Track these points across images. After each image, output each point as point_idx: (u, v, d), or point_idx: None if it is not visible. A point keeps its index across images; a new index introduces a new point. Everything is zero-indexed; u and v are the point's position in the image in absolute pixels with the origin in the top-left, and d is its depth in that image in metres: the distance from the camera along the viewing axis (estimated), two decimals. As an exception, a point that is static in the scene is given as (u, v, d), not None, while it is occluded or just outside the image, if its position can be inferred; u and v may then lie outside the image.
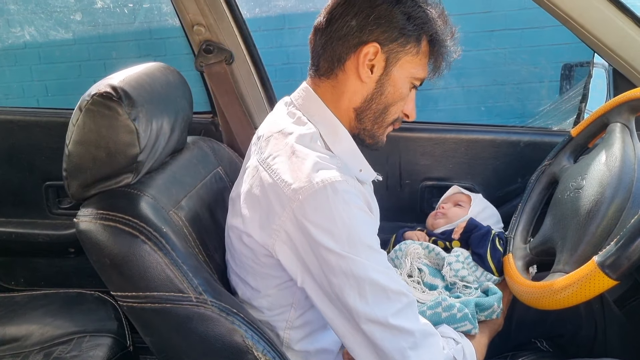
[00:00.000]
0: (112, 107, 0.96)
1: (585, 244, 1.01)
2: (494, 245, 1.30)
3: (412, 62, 1.05)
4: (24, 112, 1.91)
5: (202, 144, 1.36)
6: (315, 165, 0.95)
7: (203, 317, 0.94)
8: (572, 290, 0.94)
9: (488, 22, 3.72)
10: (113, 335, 1.44)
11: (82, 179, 0.99)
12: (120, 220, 0.95)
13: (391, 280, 0.94)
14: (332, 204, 0.91)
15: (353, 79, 1.05)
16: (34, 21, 4.00)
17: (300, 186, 0.93)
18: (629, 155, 1.08)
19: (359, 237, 0.92)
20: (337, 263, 0.91)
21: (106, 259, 0.94)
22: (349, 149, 1.08)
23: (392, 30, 1.02)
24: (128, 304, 0.95)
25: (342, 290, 0.92)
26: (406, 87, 1.07)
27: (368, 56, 1.02)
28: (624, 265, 0.88)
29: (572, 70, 2.10)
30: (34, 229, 1.87)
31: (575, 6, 1.29)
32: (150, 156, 1.06)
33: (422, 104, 3.93)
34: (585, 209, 1.05)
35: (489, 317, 1.18)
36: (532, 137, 1.67)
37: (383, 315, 0.91)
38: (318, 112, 1.07)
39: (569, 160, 1.30)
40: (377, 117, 1.08)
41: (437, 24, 1.06)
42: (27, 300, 1.61)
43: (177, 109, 1.17)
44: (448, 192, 1.58)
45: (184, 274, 0.95)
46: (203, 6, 1.61)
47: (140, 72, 1.08)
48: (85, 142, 0.97)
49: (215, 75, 1.72)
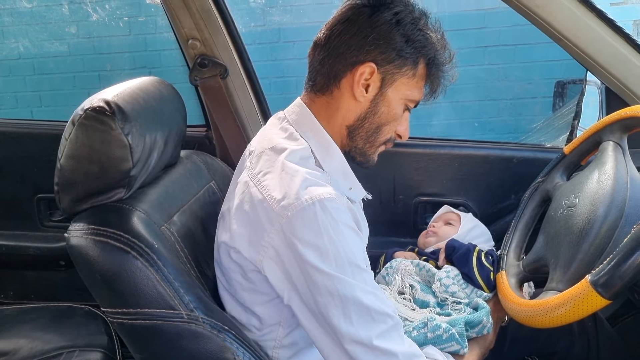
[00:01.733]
0: (105, 122, 0.95)
1: (578, 262, 1.01)
2: (480, 262, 1.30)
3: (407, 84, 1.06)
4: (16, 124, 1.90)
5: (196, 158, 1.35)
6: (305, 182, 0.94)
7: (194, 334, 0.93)
8: (565, 309, 0.93)
9: (482, 38, 3.76)
10: (103, 350, 1.41)
11: (73, 194, 0.99)
12: (112, 236, 0.94)
13: (377, 300, 0.93)
14: (320, 221, 0.91)
15: (348, 97, 1.05)
16: (28, 33, 4.00)
17: (289, 203, 0.92)
18: (622, 174, 1.08)
19: (346, 255, 0.92)
20: (323, 282, 0.91)
21: (97, 274, 0.93)
22: (339, 166, 1.08)
23: (390, 51, 1.02)
24: (118, 321, 0.93)
25: (327, 309, 0.91)
26: (400, 108, 1.08)
27: (364, 75, 1.02)
28: (616, 285, 0.87)
29: (565, 87, 2.11)
30: (25, 241, 1.85)
31: (569, 25, 1.31)
32: (143, 171, 1.05)
33: (416, 119, 3.93)
34: (578, 227, 1.05)
35: (480, 332, 1.17)
36: (525, 153, 1.68)
37: (367, 337, 0.91)
38: (311, 129, 1.07)
39: (562, 178, 1.31)
40: (370, 135, 1.08)
41: (436, 48, 1.07)
42: (16, 313, 1.59)
43: (171, 123, 1.17)
44: (439, 211, 1.58)
45: (176, 291, 0.94)
46: (198, 20, 1.62)
47: (134, 87, 1.08)
48: (77, 156, 0.96)
49: (209, 89, 1.72)
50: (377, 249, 1.60)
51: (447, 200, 1.71)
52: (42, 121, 1.94)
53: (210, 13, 1.62)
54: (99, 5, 3.89)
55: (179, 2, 1.59)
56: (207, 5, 1.61)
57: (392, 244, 1.74)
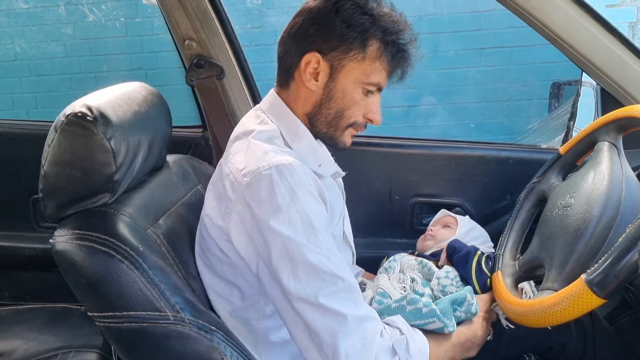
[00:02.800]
0: (86, 127, 0.95)
1: (573, 262, 1.01)
2: (480, 267, 1.30)
3: (358, 68, 1.09)
4: (12, 125, 1.91)
5: (183, 162, 1.36)
6: (265, 152, 1.02)
7: (181, 335, 0.93)
8: (560, 308, 0.94)
9: (478, 40, 3.77)
10: (98, 350, 1.41)
11: (58, 199, 0.99)
12: (97, 240, 0.94)
13: (329, 262, 0.95)
14: (275, 184, 0.97)
15: (302, 87, 1.12)
16: (24, 34, 3.99)
17: (248, 170, 1.00)
18: (617, 174, 1.09)
19: (300, 217, 0.96)
20: (276, 241, 0.95)
21: (82, 279, 0.93)
22: (308, 145, 1.14)
23: (332, 38, 1.07)
24: (105, 324, 0.93)
25: (278, 268, 0.95)
26: (357, 92, 1.11)
27: (311, 64, 1.09)
28: (611, 284, 0.88)
29: (561, 88, 2.12)
30: (20, 242, 1.86)
31: (565, 27, 1.32)
32: (127, 175, 1.05)
33: (412, 120, 3.96)
34: (573, 227, 1.05)
35: (467, 311, 1.15)
36: (521, 154, 1.69)
37: (313, 295, 0.93)
38: (279, 112, 1.14)
39: (558, 178, 1.31)
40: (330, 121, 1.13)
41: (384, 27, 1.08)
42: (11, 314, 1.59)
43: (155, 128, 1.18)
44: (437, 215, 1.59)
45: (162, 293, 0.94)
46: (195, 21, 1.63)
47: (117, 92, 1.09)
48: (60, 162, 0.97)
49: (205, 90, 1.73)
50: (373, 250, 1.61)
51: (443, 200, 1.72)
52: (38, 122, 1.94)
53: (207, 14, 1.63)
54: (95, 7, 3.88)
55: (175, 3, 1.60)
56: (203, 5, 1.62)
57: (388, 245, 1.75)
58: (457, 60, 3.81)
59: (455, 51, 3.78)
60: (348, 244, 1.31)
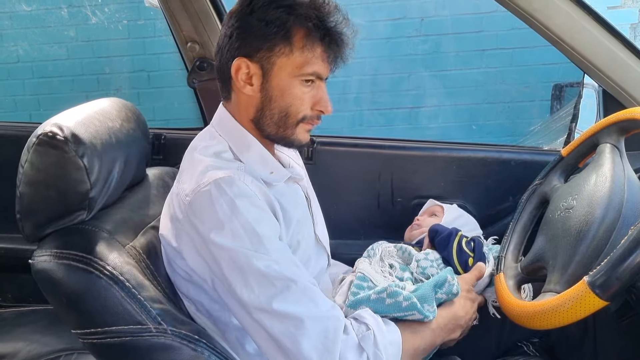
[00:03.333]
0: (57, 146, 0.96)
1: (575, 264, 1.01)
2: (460, 247, 1.30)
3: (288, 62, 1.05)
4: (15, 127, 1.91)
5: (164, 176, 1.36)
6: (205, 169, 1.02)
7: (164, 346, 0.94)
8: (562, 310, 0.94)
9: (479, 41, 3.77)
10: (101, 353, 1.42)
11: (35, 220, 0.99)
12: (74, 258, 0.95)
13: (279, 267, 0.95)
14: (214, 200, 0.97)
15: (241, 95, 1.10)
16: (27, 36, 4.00)
17: (190, 189, 1.00)
18: (619, 176, 1.09)
19: (243, 227, 0.96)
20: (223, 256, 0.96)
21: (62, 297, 0.94)
22: (257, 154, 1.13)
23: (253, 39, 1.05)
24: (89, 341, 0.94)
25: (231, 282, 0.95)
26: (295, 86, 1.07)
27: (241, 70, 1.07)
28: (614, 286, 0.88)
29: (563, 90, 2.12)
30: (22, 244, 1.83)
31: (567, 28, 1.32)
32: (103, 192, 1.06)
33: (414, 121, 3.96)
34: (575, 229, 1.05)
35: (449, 292, 1.15)
36: (523, 156, 1.69)
37: (267, 302, 0.94)
38: (227, 126, 1.14)
39: (560, 180, 1.31)
40: (277, 121, 1.10)
41: (302, 13, 1.04)
42: (14, 316, 1.60)
43: (130, 143, 1.18)
44: (425, 206, 1.60)
45: (142, 306, 0.95)
46: (197, 23, 1.64)
47: (90, 109, 1.10)
48: (34, 182, 0.97)
49: (207, 92, 1.74)
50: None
51: (445, 202, 1.71)
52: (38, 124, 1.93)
53: (209, 16, 1.64)
54: (97, 9, 3.89)
55: (178, 5, 1.61)
56: (205, 8, 1.63)
57: (390, 247, 1.75)
58: (459, 61, 3.81)
59: (457, 53, 3.78)
60: (322, 248, 1.30)
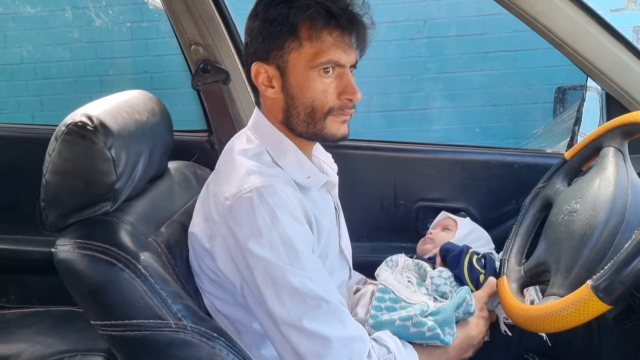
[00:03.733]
0: (87, 136, 0.96)
1: (579, 268, 1.01)
2: (471, 264, 1.30)
3: (301, 56, 1.05)
4: (19, 129, 1.92)
5: (185, 169, 1.37)
6: (247, 173, 1.02)
7: (183, 342, 0.95)
8: (566, 313, 0.94)
9: (483, 44, 3.78)
10: (104, 354, 1.41)
11: (59, 209, 1.00)
12: (98, 249, 0.95)
13: (312, 284, 0.96)
14: (255, 207, 0.97)
15: (266, 99, 1.12)
16: (31, 37, 4.01)
17: (231, 193, 1.00)
18: (622, 179, 1.09)
19: (281, 239, 0.96)
20: (258, 266, 0.96)
21: (84, 288, 0.94)
22: (294, 158, 1.13)
23: (263, 42, 1.06)
24: (108, 333, 0.94)
25: (263, 292, 0.96)
26: (314, 79, 1.05)
27: (260, 75, 1.08)
28: (617, 290, 0.88)
29: (566, 93, 2.12)
30: (27, 245, 1.86)
31: (570, 32, 1.32)
32: (128, 184, 1.06)
33: (418, 124, 3.97)
34: (579, 233, 1.05)
35: (466, 312, 1.16)
36: (526, 159, 1.70)
37: (298, 319, 0.94)
38: (262, 130, 1.14)
39: (563, 183, 1.31)
40: (305, 119, 1.09)
41: (303, 5, 1.03)
42: (18, 317, 1.60)
43: (155, 136, 1.18)
44: (437, 218, 1.59)
45: (163, 301, 0.95)
46: (201, 26, 1.64)
47: (117, 100, 1.10)
48: (61, 171, 0.97)
49: (211, 95, 1.74)
50: (378, 254, 1.61)
51: (448, 205, 1.73)
52: (45, 125, 1.95)
53: (213, 19, 1.64)
54: (101, 11, 3.90)
55: (182, 8, 1.61)
56: (210, 11, 1.63)
57: (393, 249, 1.74)
58: (462, 64, 3.81)
59: (460, 55, 3.78)
60: (345, 260, 1.31)
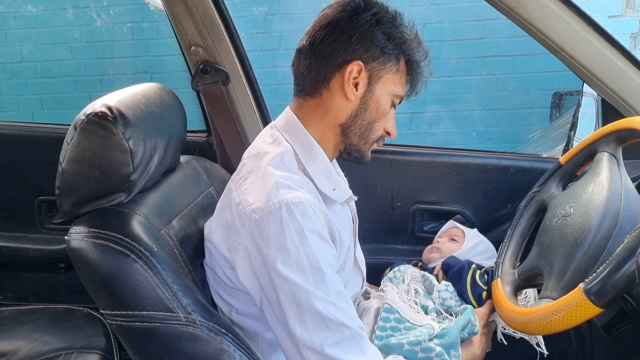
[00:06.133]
0: (106, 127, 0.97)
1: (572, 271, 1.02)
2: (474, 280, 1.31)
3: (392, 80, 1.10)
4: (18, 127, 1.92)
5: (195, 164, 1.37)
6: (276, 185, 0.99)
7: (192, 336, 0.95)
8: (558, 316, 0.95)
9: (481, 48, 3.80)
10: (101, 352, 1.42)
11: (75, 197, 1.00)
12: (112, 239, 0.96)
13: (335, 310, 0.96)
14: (285, 225, 0.95)
15: (338, 97, 1.09)
16: (31, 36, 4.03)
17: (258, 206, 0.98)
18: (616, 185, 1.10)
19: (309, 261, 0.95)
20: (283, 285, 0.95)
21: (96, 277, 0.95)
22: (323, 167, 1.12)
23: (374, 49, 1.07)
24: (117, 323, 0.95)
25: (286, 312, 0.95)
26: (388, 103, 1.12)
27: (352, 74, 1.07)
28: (609, 293, 0.89)
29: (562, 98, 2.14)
30: (25, 243, 1.87)
31: (566, 38, 1.33)
32: (143, 175, 1.06)
33: (416, 127, 3.98)
34: (572, 236, 1.06)
35: (471, 332, 1.18)
36: (522, 163, 1.71)
37: (320, 344, 0.94)
38: (294, 132, 1.12)
39: (558, 188, 1.32)
40: (362, 132, 1.12)
41: (412, 45, 1.11)
42: (15, 315, 1.60)
43: (171, 129, 1.19)
44: (444, 226, 1.59)
45: (174, 294, 0.96)
46: (201, 27, 1.64)
47: (136, 93, 1.10)
48: (79, 160, 0.98)
49: (211, 95, 1.75)
50: (375, 256, 1.63)
51: (444, 208, 1.74)
52: (44, 124, 1.96)
53: (213, 20, 1.65)
54: (102, 11, 3.92)
55: (182, 9, 1.62)
56: (210, 12, 1.63)
57: (390, 251, 1.76)
58: (460, 68, 3.83)
59: (458, 59, 3.80)
60: (359, 269, 1.31)
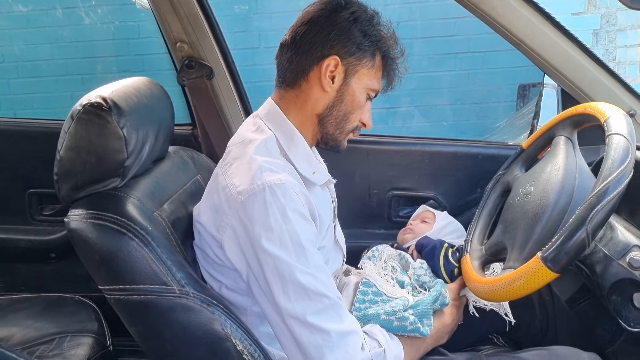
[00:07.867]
0: (102, 116, 1.03)
1: (532, 243, 1.10)
2: (447, 258, 1.38)
3: (368, 75, 1.18)
4: (8, 122, 1.96)
5: (183, 153, 1.43)
6: (260, 169, 1.06)
7: (185, 307, 1.01)
8: (519, 283, 1.03)
9: (452, 45, 3.87)
10: (94, 335, 1.48)
11: (72, 182, 1.06)
12: (109, 219, 1.02)
13: (315, 281, 1.03)
14: (268, 204, 1.03)
15: (316, 89, 1.17)
16: (12, 35, 4.01)
17: (244, 188, 1.05)
18: (571, 165, 1.18)
19: (290, 237, 1.02)
20: (268, 261, 1.02)
21: (95, 255, 1.01)
22: (303, 153, 1.19)
23: (350, 45, 1.15)
24: (115, 297, 1.01)
25: (271, 285, 1.02)
26: (363, 96, 1.20)
27: (329, 68, 1.15)
28: (563, 260, 0.97)
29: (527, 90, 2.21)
30: (16, 234, 1.90)
31: (527, 32, 1.40)
32: (136, 162, 1.13)
33: (392, 121, 4.04)
34: (532, 212, 1.14)
35: (442, 304, 1.24)
36: (490, 150, 1.79)
37: (302, 313, 1.01)
38: (276, 120, 1.20)
39: (521, 170, 1.39)
40: (338, 123, 1.20)
41: (389, 43, 1.19)
42: (8, 303, 1.63)
43: (160, 120, 1.25)
44: (417, 211, 1.65)
45: (168, 269, 1.02)
46: (186, 24, 1.70)
47: (127, 85, 1.17)
48: (76, 147, 1.05)
49: (196, 90, 1.80)
50: (353, 240, 1.67)
51: (418, 194, 1.80)
52: (34, 119, 1.99)
53: (198, 18, 1.70)
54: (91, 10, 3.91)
55: (168, 8, 1.66)
56: (194, 10, 1.68)
57: (368, 235, 1.82)
58: (433, 64, 3.89)
59: (431, 56, 3.86)
60: (339, 248, 1.38)
